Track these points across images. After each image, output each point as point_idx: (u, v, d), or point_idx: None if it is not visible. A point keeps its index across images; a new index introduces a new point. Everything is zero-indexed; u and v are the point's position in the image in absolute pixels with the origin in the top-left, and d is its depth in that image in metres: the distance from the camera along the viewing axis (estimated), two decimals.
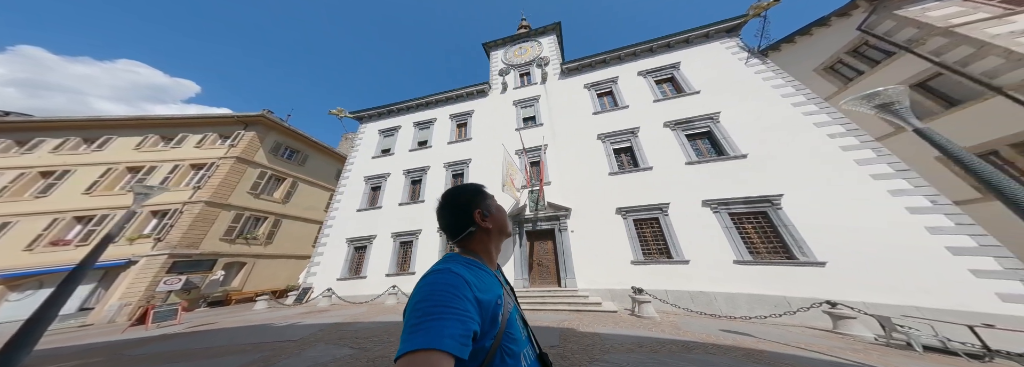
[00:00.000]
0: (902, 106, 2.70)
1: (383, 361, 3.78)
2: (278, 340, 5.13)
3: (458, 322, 0.47)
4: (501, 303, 0.63)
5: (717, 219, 7.40)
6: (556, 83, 12.38)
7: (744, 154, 8.04)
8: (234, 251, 13.40)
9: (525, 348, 0.66)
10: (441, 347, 0.42)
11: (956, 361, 3.88)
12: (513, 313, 0.68)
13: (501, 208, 0.86)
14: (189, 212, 12.45)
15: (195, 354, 4.55)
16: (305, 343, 4.83)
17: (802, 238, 6.44)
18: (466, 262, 0.68)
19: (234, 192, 13.92)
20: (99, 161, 14.06)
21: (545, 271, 8.45)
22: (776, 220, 6.87)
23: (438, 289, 0.52)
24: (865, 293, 5.56)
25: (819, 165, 7.10)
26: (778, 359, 3.70)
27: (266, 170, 15.59)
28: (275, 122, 16.82)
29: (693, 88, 9.83)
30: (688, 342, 4.32)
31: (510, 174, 8.61)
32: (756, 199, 7.20)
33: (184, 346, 5.13)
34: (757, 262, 6.62)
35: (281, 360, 3.97)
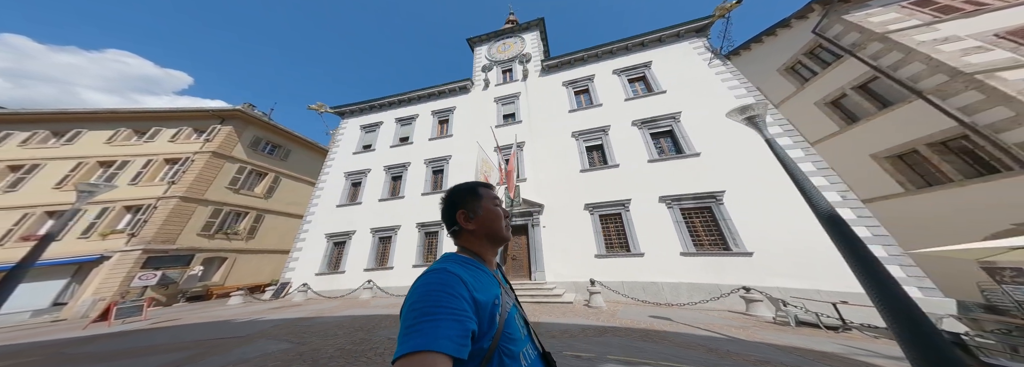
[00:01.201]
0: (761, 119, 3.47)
1: (314, 354, 3.89)
2: (224, 336, 5.26)
3: (455, 322, 0.47)
4: (499, 303, 0.63)
5: (670, 214, 8.13)
6: (536, 80, 12.79)
7: (698, 152, 8.76)
8: (213, 246, 13.61)
9: (525, 347, 0.66)
10: (437, 348, 0.42)
11: (817, 332, 4.76)
12: (512, 312, 0.68)
13: (495, 212, 0.81)
14: (164, 207, 12.51)
15: (129, 353, 4.60)
16: (248, 339, 4.94)
17: (736, 230, 7.24)
18: (463, 261, 0.69)
19: (211, 187, 13.97)
20: (69, 155, 13.87)
21: (518, 265, 9.01)
22: (718, 214, 7.65)
23: (434, 289, 0.52)
24: (781, 279, 6.43)
25: (756, 163, 7.83)
26: (666, 336, 4.34)
27: (245, 165, 15.61)
28: (254, 117, 16.75)
29: (661, 87, 10.45)
30: (608, 327, 4.90)
31: (484, 171, 9.15)
32: (703, 195, 7.93)
33: (126, 345, 5.14)
34: (700, 254, 7.37)
35: (207, 358, 4.01)
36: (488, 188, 0.86)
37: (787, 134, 7.93)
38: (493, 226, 0.79)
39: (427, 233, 10.30)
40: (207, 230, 13.51)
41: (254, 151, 16.53)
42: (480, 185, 0.86)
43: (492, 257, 0.82)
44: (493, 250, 0.81)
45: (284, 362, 3.69)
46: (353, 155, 13.27)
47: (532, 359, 0.67)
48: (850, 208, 6.50)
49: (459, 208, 0.80)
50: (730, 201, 7.66)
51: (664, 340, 4.17)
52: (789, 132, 7.96)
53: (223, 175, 14.66)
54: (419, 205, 10.80)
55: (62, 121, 15.18)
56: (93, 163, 13.88)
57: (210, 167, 14.25)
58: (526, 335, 0.71)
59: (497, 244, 0.81)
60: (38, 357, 4.87)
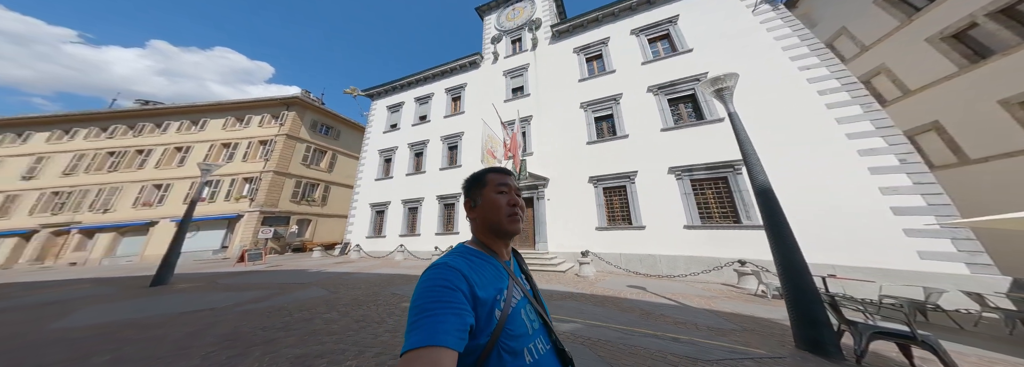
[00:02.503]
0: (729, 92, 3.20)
1: (335, 301, 4.33)
2: (293, 282, 6.08)
3: (454, 316, 0.45)
4: (502, 298, 0.57)
5: (679, 186, 7.05)
6: (546, 49, 10.93)
7: (722, 117, 7.10)
8: (300, 210, 15.87)
9: (532, 342, 0.58)
10: (437, 343, 0.40)
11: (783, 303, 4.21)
12: (519, 307, 0.59)
13: (495, 202, 0.66)
14: (265, 179, 14.56)
15: (242, 287, 5.71)
16: (305, 286, 5.61)
17: (751, 202, 6.11)
18: (469, 254, 0.62)
19: (291, 163, 15.74)
20: (203, 139, 16.45)
21: (524, 235, 8.73)
22: (734, 185, 6.46)
23: (434, 285, 0.49)
24: None
25: (794, 126, 6.24)
26: (619, 302, 4.29)
27: (310, 144, 17.05)
28: (309, 102, 17.68)
29: (686, 45, 8.26)
30: (575, 293, 4.87)
31: (490, 147, 8.61)
32: (721, 165, 6.64)
33: (244, 281, 6.39)
34: (706, 226, 6.46)
35: (277, 297, 4.68)
36: (499, 174, 0.71)
37: (846, 89, 6.02)
38: (491, 217, 0.66)
39: (446, 204, 10.46)
40: (295, 197, 15.63)
41: (314, 132, 17.79)
42: (490, 171, 0.72)
43: (504, 248, 0.69)
44: (501, 241, 0.68)
45: (313, 305, 4.21)
46: (383, 134, 13.33)
47: (542, 354, 0.59)
48: (907, 173, 5.08)
49: (466, 198, 0.71)
50: None
51: (613, 305, 4.10)
52: (849, 86, 5.97)
53: (297, 153, 16.26)
54: (438, 179, 10.89)
55: (192, 113, 17.70)
56: (219, 145, 16.19)
57: (287, 147, 15.86)
58: (538, 329, 0.61)
59: (500, 236, 0.66)
60: (202, 283, 6.41)
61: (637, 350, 2.62)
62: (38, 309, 4.40)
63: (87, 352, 2.60)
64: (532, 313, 0.62)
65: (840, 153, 5.69)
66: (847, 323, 2.43)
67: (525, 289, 0.66)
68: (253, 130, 16.55)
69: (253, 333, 2.99)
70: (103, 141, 17.16)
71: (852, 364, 2.28)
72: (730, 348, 2.66)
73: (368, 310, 3.85)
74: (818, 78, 6.36)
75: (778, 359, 2.41)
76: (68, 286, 6.64)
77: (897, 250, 4.79)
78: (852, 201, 5.32)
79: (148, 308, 4.22)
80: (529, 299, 0.64)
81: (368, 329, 3.10)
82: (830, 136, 5.88)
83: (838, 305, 2.49)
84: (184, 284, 6.27)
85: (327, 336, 2.89)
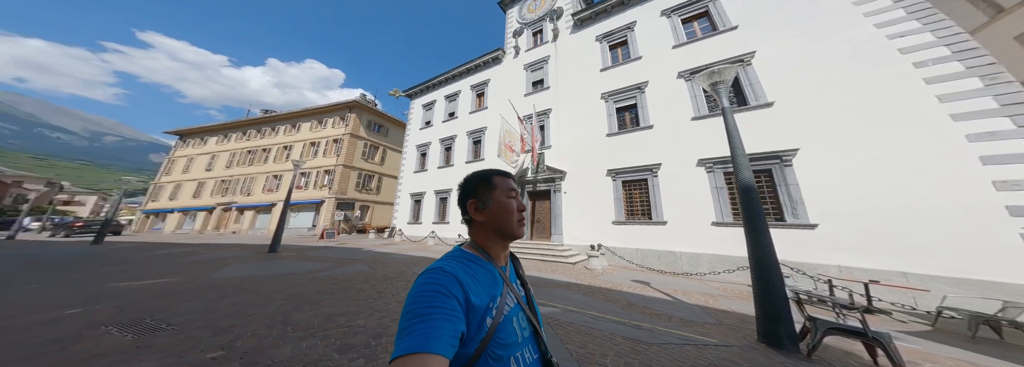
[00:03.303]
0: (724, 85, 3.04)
1: (372, 275, 4.94)
2: (348, 258, 6.95)
3: (447, 322, 0.42)
4: (494, 306, 0.53)
5: (709, 179, 6.07)
6: (567, 39, 9.95)
7: (769, 102, 5.80)
8: (362, 198, 17.93)
9: (520, 351, 0.54)
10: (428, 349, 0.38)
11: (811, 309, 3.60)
12: (511, 315, 0.55)
13: (506, 205, 0.62)
14: (337, 172, 16.77)
15: (315, 258, 6.84)
16: (355, 261, 6.39)
17: (800, 198, 5.03)
18: (465, 257, 0.58)
19: (354, 158, 17.78)
20: (299, 139, 19.49)
21: (541, 227, 8.59)
22: (779, 178, 5.33)
23: (427, 289, 0.46)
24: (847, 257, 4.52)
25: (875, 106, 4.82)
26: (608, 293, 4.18)
27: (367, 141, 18.93)
28: (365, 105, 19.41)
29: (729, 22, 6.77)
30: (572, 283, 4.75)
31: (508, 142, 8.40)
32: (765, 155, 5.50)
33: (319, 254, 7.56)
34: (737, 224, 5.50)
35: (335, 269, 5.50)
36: (506, 178, 0.66)
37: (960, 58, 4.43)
38: (502, 220, 0.62)
39: None
40: (357, 187, 17.64)
41: (369, 131, 19.54)
42: (496, 173, 0.67)
43: (503, 251, 0.65)
44: (502, 244, 0.64)
45: (355, 277, 4.82)
46: (419, 131, 13.76)
47: (528, 363, 0.55)
48: (1009, 117, 3.85)
49: (471, 198, 0.64)
50: (802, 162, 5.21)
51: (601, 295, 4.04)
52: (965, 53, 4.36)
53: (358, 149, 18.23)
54: (465, 172, 11.05)
55: (291, 118, 20.97)
56: (308, 143, 18.93)
57: (351, 144, 17.89)
58: (527, 338, 0.57)
59: (507, 239, 0.63)
60: (295, 253, 7.75)
61: (593, 332, 2.69)
62: (208, 264, 6.05)
63: (222, 295, 3.62)
64: (524, 321, 0.58)
65: (939, 138, 4.24)
66: (809, 319, 2.39)
67: (519, 296, 0.61)
68: (328, 130, 18.90)
69: (309, 295, 3.68)
70: (244, 142, 21.69)
71: (801, 356, 2.24)
72: (684, 336, 2.68)
73: (391, 285, 4.31)
74: (918, 47, 4.66)
75: (725, 347, 2.43)
76: (226, 249, 8.77)
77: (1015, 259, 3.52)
78: (949, 197, 4.02)
79: (261, 269, 5.45)
80: (522, 306, 0.60)
81: (384, 299, 3.58)
82: (928, 118, 4.40)
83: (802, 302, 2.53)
84: (286, 253, 7.74)
85: (354, 302, 3.41)
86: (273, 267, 5.65)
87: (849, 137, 4.91)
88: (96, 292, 3.69)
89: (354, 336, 2.40)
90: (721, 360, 2.22)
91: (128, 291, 3.75)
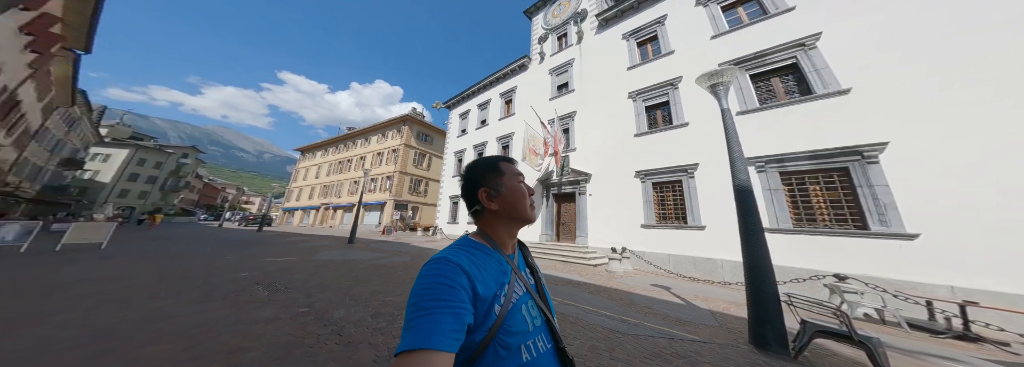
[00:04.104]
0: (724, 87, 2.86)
1: (411, 265, 5.43)
2: (398, 250, 7.81)
3: (451, 316, 0.39)
4: (502, 294, 0.49)
5: (760, 180, 5.06)
6: (592, 40, 9.29)
7: (845, 88, 4.57)
8: (414, 200, 19.66)
9: (531, 340, 0.49)
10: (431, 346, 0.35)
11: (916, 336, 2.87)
12: (520, 303, 0.51)
13: (519, 189, 0.59)
14: (395, 177, 18.82)
15: (373, 249, 7.84)
16: (402, 254, 7.11)
17: (891, 203, 3.87)
18: (472, 247, 0.53)
19: (407, 165, 19.66)
20: (369, 150, 22.36)
21: (567, 229, 8.21)
22: (859, 178, 4.18)
23: (432, 281, 0.42)
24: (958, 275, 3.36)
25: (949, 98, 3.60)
26: (615, 292, 4.02)
27: (417, 150, 20.71)
28: (415, 118, 21.24)
29: (784, 4, 5.55)
30: (581, 282, 4.62)
31: (531, 146, 8.25)
32: (837, 152, 4.37)
33: (377, 246, 8.67)
34: (797, 231, 4.49)
35: (386, 258, 6.25)
36: (511, 163, 0.62)
37: None
38: (516, 205, 0.58)
39: None
40: (410, 190, 19.38)
41: (419, 141, 21.27)
42: (501, 160, 0.62)
43: (510, 240, 0.60)
44: (513, 232, 0.60)
45: (399, 266, 5.44)
46: (456, 138, 14.27)
47: (541, 352, 0.50)
48: None
49: (482, 187, 0.59)
50: (893, 158, 4.02)
51: (608, 294, 3.94)
52: None
53: (410, 157, 20.07)
54: None
55: (364, 134, 24.23)
56: (375, 154, 21.63)
57: (406, 153, 19.81)
58: (539, 327, 0.52)
59: (521, 225, 0.60)
60: (363, 245, 9.11)
61: (578, 322, 2.76)
62: (312, 249, 7.54)
63: (315, 271, 4.68)
64: (534, 309, 0.53)
65: None
66: (801, 322, 2.27)
67: (528, 284, 0.56)
68: (388, 142, 21.25)
69: (365, 276, 4.46)
70: (335, 155, 25.92)
71: (786, 358, 2.15)
72: (666, 331, 2.63)
73: None
74: None
75: (702, 343, 2.37)
76: (323, 239, 10.69)
77: None
78: None
79: (341, 255, 6.60)
80: (532, 294, 0.55)
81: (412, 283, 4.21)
82: None
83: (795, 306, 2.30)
84: (358, 244, 9.09)
85: (393, 284, 3.97)
86: (348, 254, 6.79)
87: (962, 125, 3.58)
88: (254, 264, 5.17)
89: (385, 307, 2.97)
90: (687, 352, 2.20)
91: (269, 264, 5.20)
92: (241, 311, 2.68)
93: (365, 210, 19.52)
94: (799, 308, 2.29)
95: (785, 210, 4.71)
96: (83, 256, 5.54)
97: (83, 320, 2.32)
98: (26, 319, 2.33)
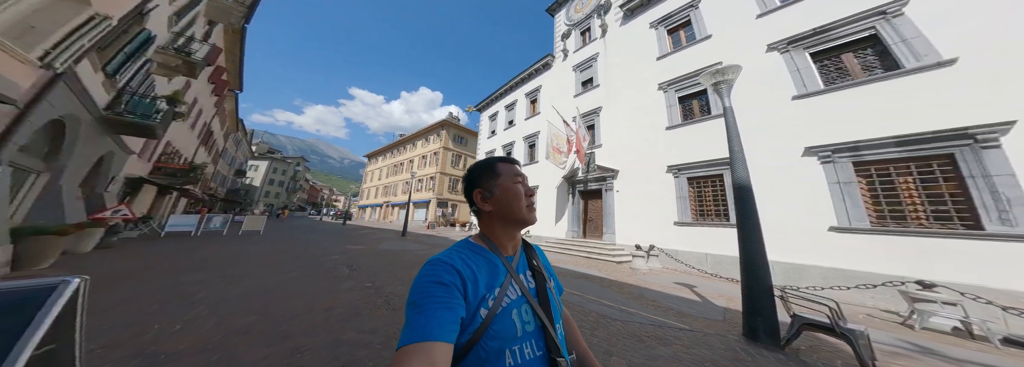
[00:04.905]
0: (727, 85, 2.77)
1: None
2: (439, 243, 8.57)
3: (446, 310, 0.39)
4: (491, 296, 0.46)
5: (824, 172, 4.30)
6: (616, 32, 8.67)
7: (948, 59, 3.57)
8: (453, 198, 21.09)
9: (518, 345, 0.45)
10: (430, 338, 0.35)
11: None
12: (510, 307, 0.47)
13: (513, 190, 0.54)
14: (437, 178, 20.51)
15: (423, 242, 8.70)
16: (444, 246, 7.22)
17: (1015, 198, 3.01)
18: (468, 248, 0.52)
19: (446, 166, 21.20)
20: (416, 154, 24.54)
21: (594, 226, 8.00)
22: (969, 167, 3.30)
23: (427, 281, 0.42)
24: None
25: None
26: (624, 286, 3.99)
27: (453, 151, 22.09)
28: (451, 122, 22.50)
29: None
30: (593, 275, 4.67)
31: (555, 144, 8.11)
32: (938, 135, 3.50)
33: (424, 240, 9.39)
34: (880, 231, 3.71)
35: (429, 250, 6.91)
36: (511, 164, 0.59)
37: None
38: (511, 206, 0.54)
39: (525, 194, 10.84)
40: (449, 189, 20.82)
41: (454, 143, 22.50)
42: (500, 160, 0.59)
43: (509, 241, 0.56)
44: (511, 233, 0.56)
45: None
46: (487, 140, 14.49)
47: (527, 360, 0.46)
48: None
49: (476, 188, 0.57)
50: (1018, 143, 3.10)
51: (619, 288, 3.93)
52: None
53: (448, 159, 21.57)
54: None
55: (411, 139, 26.66)
56: (420, 157, 23.79)
57: (445, 155, 21.39)
58: (531, 333, 0.48)
59: (517, 226, 0.55)
60: (412, 238, 10.31)
61: (576, 308, 2.90)
62: (376, 240, 8.85)
63: (379, 257, 5.58)
64: (527, 314, 0.49)
65: None
66: (791, 316, 2.28)
67: (526, 288, 0.52)
68: (430, 146, 23.11)
69: (412, 262, 5.20)
70: (391, 159, 29.22)
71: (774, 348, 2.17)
72: (659, 320, 2.68)
73: None
74: None
75: (690, 331, 2.43)
76: (384, 232, 12.44)
77: None
78: None
79: (396, 246, 7.65)
80: (528, 299, 0.51)
81: None
82: None
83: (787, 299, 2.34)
84: (409, 237, 10.39)
85: None
86: (401, 245, 7.88)
87: None
88: (340, 250, 6.39)
89: None
90: (668, 336, 2.29)
91: (349, 250, 6.38)
92: (332, 282, 3.52)
93: (414, 207, 21.57)
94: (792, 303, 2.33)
95: (860, 207, 3.93)
96: (252, 239, 7.93)
97: (260, 280, 3.51)
98: (240, 277, 3.61)
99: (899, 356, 2.17)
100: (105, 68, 4.71)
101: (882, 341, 2.41)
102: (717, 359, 1.96)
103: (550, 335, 0.49)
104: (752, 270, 2.32)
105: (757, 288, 2.29)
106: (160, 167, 8.88)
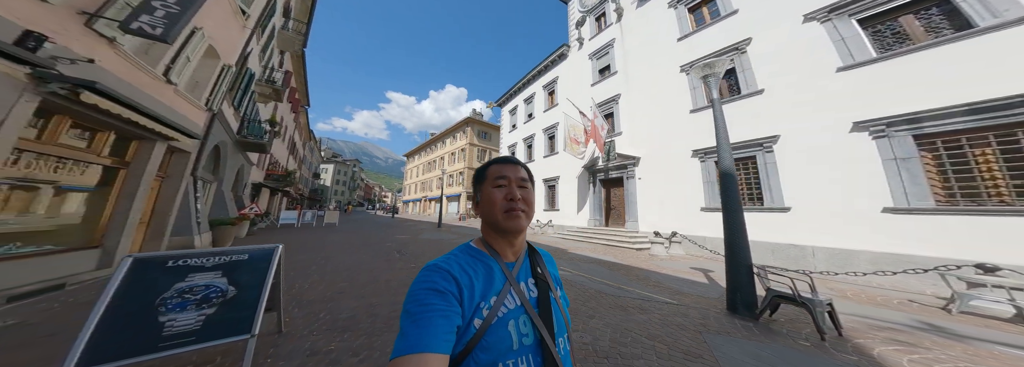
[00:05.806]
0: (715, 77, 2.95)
1: None
2: (468, 234, 9.28)
3: (442, 319, 0.37)
4: (486, 306, 0.43)
5: (876, 149, 3.90)
6: (632, 16, 8.16)
7: None
8: None
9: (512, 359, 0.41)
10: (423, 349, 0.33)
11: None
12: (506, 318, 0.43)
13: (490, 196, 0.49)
14: (466, 173, 21.77)
15: (455, 232, 9.51)
16: (470, 236, 8.49)
17: None
18: (467, 253, 0.49)
19: (473, 161, 22.28)
20: (447, 151, 25.97)
21: (616, 214, 7.99)
22: None
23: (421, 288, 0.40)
24: None
25: None
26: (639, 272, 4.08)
27: (478, 147, 23.06)
28: (475, 119, 23.32)
29: None
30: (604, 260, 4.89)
31: (572, 135, 8.12)
32: (1016, 101, 3.01)
33: (455, 231, 10.16)
34: (948, 211, 3.31)
35: (459, 239, 7.67)
36: (500, 165, 0.52)
37: None
38: (490, 212, 0.49)
39: (549, 186, 10.89)
40: None
41: (479, 138, 23.41)
42: (493, 163, 0.53)
43: (509, 247, 0.51)
44: (507, 239, 0.50)
45: None
46: (508, 134, 14.72)
47: None
48: None
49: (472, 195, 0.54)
50: None
51: (624, 271, 4.15)
52: None
53: (474, 154, 22.71)
54: (543, 165, 11.54)
55: (441, 137, 28.16)
56: (450, 154, 25.26)
57: (471, 150, 22.58)
58: (528, 346, 0.43)
59: (500, 233, 0.49)
60: (446, 229, 11.57)
61: (577, 286, 3.19)
62: (417, 230, 10.32)
63: (421, 244, 6.52)
64: (526, 326, 0.45)
65: None
66: (766, 289, 2.39)
67: (525, 297, 0.47)
68: (458, 143, 24.35)
69: (444, 249, 5.78)
70: (425, 157, 31.34)
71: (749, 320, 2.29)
72: (649, 296, 2.88)
73: None
74: None
75: (673, 305, 2.65)
76: (422, 224, 14.00)
77: None
78: None
79: (433, 236, 8.69)
80: (527, 309, 0.46)
81: None
82: None
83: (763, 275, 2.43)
84: (444, 228, 11.54)
85: None
86: (436, 235, 8.89)
87: None
88: (391, 238, 7.59)
89: None
90: (650, 308, 2.55)
91: (398, 239, 7.49)
92: (388, 263, 4.34)
93: (447, 201, 22.97)
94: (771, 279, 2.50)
95: (922, 184, 3.51)
96: (332, 229, 9.88)
97: (343, 259, 4.63)
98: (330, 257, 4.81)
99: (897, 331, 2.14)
100: (233, 103, 6.30)
101: (887, 319, 2.41)
102: (685, 324, 2.22)
103: (550, 350, 0.43)
104: (735, 250, 2.54)
105: (738, 266, 2.49)
106: (269, 174, 11.51)
